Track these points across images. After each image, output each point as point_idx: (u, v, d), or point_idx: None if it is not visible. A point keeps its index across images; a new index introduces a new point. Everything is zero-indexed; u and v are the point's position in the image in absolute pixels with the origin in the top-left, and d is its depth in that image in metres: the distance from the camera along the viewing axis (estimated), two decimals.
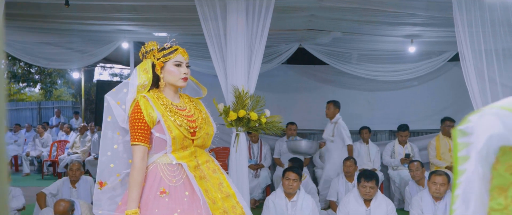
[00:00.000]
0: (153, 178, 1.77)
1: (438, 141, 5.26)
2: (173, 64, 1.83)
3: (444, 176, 3.38)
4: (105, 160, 1.85)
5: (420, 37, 4.75)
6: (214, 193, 1.81)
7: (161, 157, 1.79)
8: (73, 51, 6.06)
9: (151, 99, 1.80)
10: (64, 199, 3.23)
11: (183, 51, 1.88)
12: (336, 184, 4.44)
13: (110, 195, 1.90)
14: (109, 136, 1.84)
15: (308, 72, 6.48)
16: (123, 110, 1.82)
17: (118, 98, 1.82)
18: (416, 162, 4.42)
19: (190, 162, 1.80)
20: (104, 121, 1.84)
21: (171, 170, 1.78)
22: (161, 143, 1.77)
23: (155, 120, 1.76)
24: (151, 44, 1.92)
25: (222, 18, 3.03)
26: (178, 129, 1.77)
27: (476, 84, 2.82)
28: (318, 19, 4.31)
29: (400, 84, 6.15)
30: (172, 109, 1.83)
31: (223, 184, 1.89)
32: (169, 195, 1.74)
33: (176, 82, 1.85)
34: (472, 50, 2.87)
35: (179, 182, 1.77)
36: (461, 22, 2.84)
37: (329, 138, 4.74)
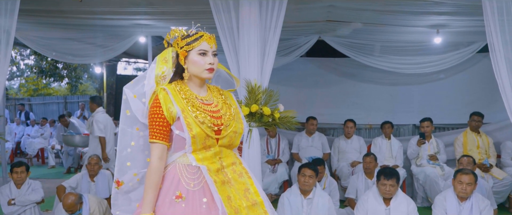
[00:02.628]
0: (171, 180, 1.61)
1: (466, 136, 5.00)
2: (197, 53, 1.63)
3: (471, 175, 3.18)
4: (123, 158, 1.71)
5: (447, 27, 4.50)
6: (238, 201, 1.62)
7: (181, 157, 1.62)
8: (95, 46, 6.15)
9: (172, 92, 1.62)
10: (72, 193, 3.26)
11: (209, 38, 1.66)
12: (355, 181, 4.29)
13: (127, 195, 1.76)
14: (127, 132, 1.69)
15: (328, 66, 6.32)
16: (142, 103, 1.66)
17: (135, 91, 1.66)
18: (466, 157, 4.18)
19: (212, 164, 1.62)
20: (122, 115, 1.69)
21: (191, 172, 1.60)
22: (181, 142, 1.61)
23: (174, 115, 1.59)
24: (175, 31, 1.72)
25: (234, 9, 2.94)
26: (199, 127, 1.58)
27: (507, 77, 2.62)
28: (338, 10, 4.15)
29: (425, 78, 5.90)
30: (195, 103, 1.64)
31: (250, 190, 1.69)
32: (186, 200, 1.57)
33: (200, 74, 1.65)
34: (503, 40, 2.66)
35: (197, 186, 1.59)
36: (490, 10, 2.64)
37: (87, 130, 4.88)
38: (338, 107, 6.12)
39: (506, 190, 4.56)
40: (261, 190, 1.72)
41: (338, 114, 5.94)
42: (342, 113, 5.85)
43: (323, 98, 6.20)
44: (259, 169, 2.90)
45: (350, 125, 5.26)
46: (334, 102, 6.15)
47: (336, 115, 6.01)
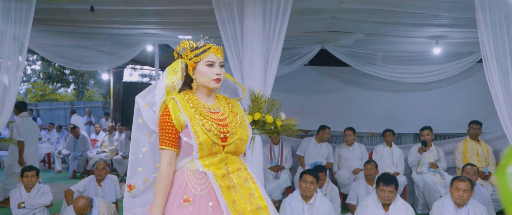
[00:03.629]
0: (179, 184, 1.69)
1: (465, 144, 5.08)
2: (205, 64, 1.71)
3: (467, 182, 3.27)
4: (134, 163, 1.79)
5: (446, 38, 4.62)
6: (243, 205, 1.68)
7: (189, 163, 1.70)
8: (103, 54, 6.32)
9: (180, 101, 1.71)
10: (83, 196, 3.37)
11: (216, 50, 1.74)
12: (357, 187, 4.38)
13: (138, 199, 1.84)
14: (139, 138, 1.79)
15: (331, 74, 6.44)
16: (153, 111, 1.75)
17: (147, 101, 1.76)
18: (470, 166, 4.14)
19: (218, 170, 1.69)
20: (134, 122, 1.79)
21: (198, 177, 1.68)
22: (189, 148, 1.69)
23: (183, 123, 1.68)
24: (184, 43, 1.81)
25: (239, 21, 3.08)
26: (206, 134, 1.66)
27: (500, 88, 2.72)
28: (339, 21, 4.29)
29: (426, 86, 6.00)
30: (203, 112, 1.72)
31: (254, 194, 1.74)
32: (193, 204, 1.64)
33: (208, 84, 1.73)
34: (496, 52, 2.77)
35: (204, 191, 1.66)
36: (484, 23, 2.75)
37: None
38: (341, 115, 6.22)
39: None
40: (266, 195, 1.78)
41: (341, 122, 6.04)
42: (345, 121, 5.95)
43: (325, 106, 6.31)
44: (262, 175, 3.01)
45: (349, 133, 5.35)
46: (337, 110, 6.25)
47: (338, 122, 6.10)
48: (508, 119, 2.72)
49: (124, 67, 9.86)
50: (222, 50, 1.78)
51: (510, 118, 2.72)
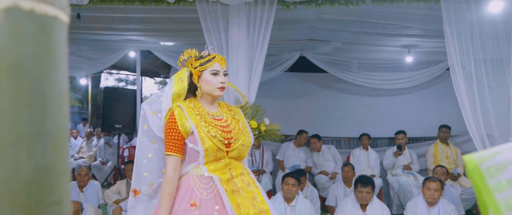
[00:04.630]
0: (185, 189, 1.73)
1: (436, 147, 5.38)
2: (210, 73, 1.78)
3: (438, 182, 3.50)
4: (140, 169, 1.83)
5: (417, 47, 4.90)
6: (247, 208, 1.73)
7: (194, 168, 1.74)
8: (83, 59, 6.29)
9: (186, 109, 1.76)
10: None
11: (221, 60, 1.82)
12: (335, 190, 4.56)
13: (143, 204, 1.88)
14: (145, 145, 1.83)
15: (310, 80, 6.64)
16: (159, 118, 1.80)
17: (153, 108, 1.81)
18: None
19: (223, 175, 1.74)
20: (140, 129, 1.84)
21: (203, 182, 1.72)
22: (195, 154, 1.73)
23: (189, 130, 1.72)
24: (188, 52, 1.87)
25: (224, 30, 3.20)
26: (211, 140, 1.71)
27: (465, 95, 2.96)
28: (318, 30, 4.48)
29: (400, 92, 6.28)
30: (207, 119, 1.77)
31: (257, 198, 1.79)
32: (200, 208, 1.69)
33: (212, 92, 1.80)
34: (462, 61, 3.02)
35: (210, 195, 1.71)
36: (451, 34, 2.99)
37: None
38: (319, 120, 6.42)
39: (473, 197, 4.92)
40: (267, 199, 1.85)
41: (319, 127, 6.24)
42: (323, 126, 6.16)
43: (304, 111, 6.49)
44: None
45: (313, 140, 5.52)
46: (315, 115, 6.45)
47: (317, 127, 6.29)
48: (473, 123, 2.96)
49: (102, 72, 9.78)
50: (225, 60, 1.86)
51: (475, 122, 2.96)
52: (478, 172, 0.46)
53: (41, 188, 0.36)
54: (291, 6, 3.24)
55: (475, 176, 0.46)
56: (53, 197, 0.36)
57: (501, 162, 0.46)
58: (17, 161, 0.35)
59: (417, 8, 3.28)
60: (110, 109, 6.03)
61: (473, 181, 0.47)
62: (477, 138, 2.98)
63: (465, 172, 0.50)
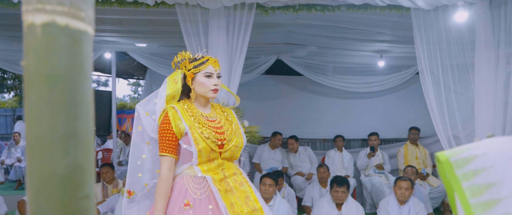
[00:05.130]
0: (179, 189, 1.75)
1: (406, 148, 5.61)
2: (204, 75, 1.81)
3: (408, 181, 3.67)
4: (134, 169, 1.84)
5: (389, 52, 5.10)
6: (240, 207, 1.75)
7: (188, 169, 1.76)
8: None
9: (180, 110, 1.78)
10: None
11: (214, 62, 1.85)
12: (311, 190, 4.68)
13: (138, 204, 1.89)
14: (139, 146, 1.84)
15: (286, 82, 6.75)
16: (153, 120, 1.82)
17: (147, 109, 1.82)
18: None
19: (216, 175, 1.76)
20: (134, 130, 1.85)
21: (197, 183, 1.75)
22: (188, 155, 1.75)
23: (183, 131, 1.74)
24: (182, 54, 1.89)
25: (204, 34, 3.24)
26: (205, 142, 1.74)
27: (433, 98, 3.13)
28: (295, 35, 4.59)
29: (372, 94, 6.49)
30: (201, 120, 1.79)
31: (250, 197, 1.82)
32: (193, 208, 1.71)
33: (206, 94, 1.82)
34: (430, 66, 3.19)
35: (203, 195, 1.74)
36: (420, 41, 3.15)
37: None
38: (295, 122, 6.54)
39: (441, 196, 5.17)
40: (260, 198, 1.87)
41: (295, 128, 6.35)
42: (298, 127, 6.28)
43: (281, 113, 6.59)
44: None
45: (291, 141, 5.66)
46: (291, 117, 6.56)
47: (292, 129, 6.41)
48: (441, 125, 3.13)
49: None
50: (218, 62, 1.90)
51: (442, 124, 3.14)
52: (448, 163, 0.54)
53: (73, 183, 0.40)
54: (270, 11, 3.33)
55: (445, 167, 0.54)
56: (83, 192, 0.41)
57: (468, 156, 0.53)
58: (53, 160, 0.39)
59: (389, 16, 3.44)
60: None
61: (443, 171, 0.54)
62: (444, 138, 3.15)
63: (437, 166, 0.59)
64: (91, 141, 0.43)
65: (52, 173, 0.39)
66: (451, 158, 0.54)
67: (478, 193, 0.51)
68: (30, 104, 0.39)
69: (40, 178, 0.39)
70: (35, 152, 0.39)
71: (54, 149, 0.39)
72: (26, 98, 0.40)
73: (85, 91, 0.41)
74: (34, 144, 0.39)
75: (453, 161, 0.54)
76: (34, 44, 0.39)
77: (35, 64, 0.39)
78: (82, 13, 0.41)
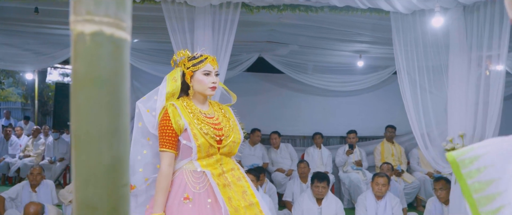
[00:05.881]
0: (179, 184, 1.79)
1: (383, 146, 5.81)
2: (202, 73, 1.86)
3: (385, 177, 3.83)
4: (135, 164, 1.88)
5: (368, 53, 5.26)
6: (238, 201, 1.79)
7: (187, 164, 1.81)
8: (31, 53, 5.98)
9: (179, 107, 1.83)
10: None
11: (212, 60, 1.90)
12: (292, 186, 4.79)
13: (138, 198, 1.93)
14: (140, 141, 1.88)
15: (268, 80, 6.83)
16: (153, 116, 1.86)
17: (148, 106, 1.87)
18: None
19: (214, 170, 1.81)
20: (135, 126, 1.89)
21: (196, 177, 1.79)
22: (188, 150, 1.80)
23: (182, 127, 1.79)
24: (181, 53, 1.94)
25: (189, 31, 3.27)
26: (204, 137, 1.79)
27: (410, 97, 3.28)
28: (277, 33, 4.67)
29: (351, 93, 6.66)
30: (200, 117, 1.84)
31: (247, 192, 1.86)
32: (193, 201, 1.76)
33: (204, 91, 1.88)
34: (407, 66, 3.34)
35: (202, 189, 1.78)
36: (398, 42, 3.30)
37: None
38: (276, 118, 6.64)
39: (414, 191, 5.40)
40: (257, 192, 1.92)
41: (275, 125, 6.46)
42: (279, 124, 6.38)
43: (263, 110, 6.67)
44: None
45: (274, 136, 5.78)
46: (272, 114, 6.66)
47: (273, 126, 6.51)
48: (416, 123, 3.29)
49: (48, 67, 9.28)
50: (216, 61, 1.95)
51: (417, 122, 3.30)
52: (456, 163, 0.60)
53: (116, 173, 0.46)
54: (255, 10, 3.39)
55: (453, 166, 0.60)
56: (123, 180, 0.47)
57: (472, 156, 0.59)
58: (100, 152, 0.45)
59: (369, 18, 3.57)
60: (62, 106, 5.81)
61: (453, 170, 0.61)
62: (419, 136, 3.31)
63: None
64: (128, 136, 0.49)
65: (99, 164, 0.44)
66: (458, 158, 0.60)
67: (481, 189, 0.57)
68: (79, 104, 0.45)
69: (88, 168, 0.44)
70: (83, 145, 0.44)
71: (101, 143, 0.44)
72: (74, 98, 0.45)
73: (125, 92, 0.47)
74: (83, 138, 0.44)
75: (459, 161, 0.59)
76: (83, 51, 0.44)
77: (84, 68, 0.45)
78: (124, 23, 0.47)
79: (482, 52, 3.11)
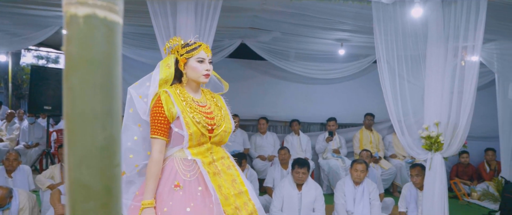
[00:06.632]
0: (169, 171, 1.79)
1: (362, 133, 5.95)
2: (196, 60, 1.85)
3: (363, 164, 3.93)
4: (125, 150, 1.87)
5: (349, 41, 5.32)
6: (227, 190, 1.80)
7: (178, 152, 1.81)
8: (4, 34, 5.77)
9: (173, 94, 1.81)
10: (1, 186, 3.21)
11: (206, 48, 1.89)
12: (273, 172, 4.86)
13: (127, 185, 1.92)
14: (130, 127, 1.87)
15: (250, 66, 6.83)
16: (144, 103, 1.84)
17: (140, 92, 1.84)
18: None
19: (205, 158, 1.81)
20: (126, 112, 1.88)
21: (187, 165, 1.79)
22: (179, 138, 1.79)
23: (174, 115, 1.78)
24: (175, 39, 1.92)
25: (172, 15, 3.23)
26: (196, 126, 1.78)
27: (389, 85, 3.37)
28: (260, 20, 4.66)
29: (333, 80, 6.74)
30: (192, 105, 1.83)
31: (236, 180, 1.87)
32: (183, 189, 1.75)
33: (198, 79, 1.86)
34: (387, 56, 3.41)
35: (193, 177, 1.78)
36: (379, 31, 3.36)
37: None
38: (258, 105, 6.68)
39: (391, 177, 5.57)
40: (246, 181, 1.95)
41: (258, 111, 6.50)
42: (262, 111, 6.43)
43: (244, 96, 6.68)
44: None
45: (262, 121, 5.85)
46: (254, 100, 6.69)
47: (256, 112, 6.55)
48: (394, 111, 3.38)
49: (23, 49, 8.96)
50: (210, 48, 1.93)
51: (395, 110, 3.39)
52: None
53: (109, 153, 0.47)
54: None
55: None
56: (116, 160, 0.48)
57: None
58: (94, 133, 0.46)
59: (351, 7, 3.61)
60: (38, 89, 5.64)
61: None
62: (396, 124, 3.41)
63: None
64: (120, 117, 0.50)
65: (93, 144, 0.46)
66: None
67: None
68: (72, 85, 0.45)
69: (82, 148, 0.45)
70: (77, 126, 0.45)
71: (95, 124, 0.45)
72: (67, 80, 0.45)
73: (117, 75, 0.48)
74: (77, 119, 0.45)
75: None
76: (77, 33, 0.45)
77: (77, 50, 0.45)
78: (117, 6, 0.47)
79: (458, 43, 3.21)
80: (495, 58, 4.80)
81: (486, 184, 5.51)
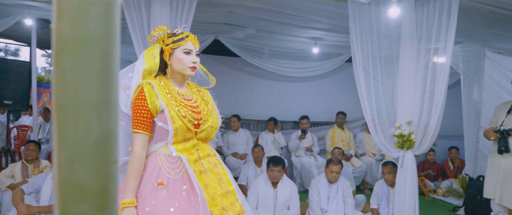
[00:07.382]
0: (152, 168, 1.68)
1: (334, 131, 6.03)
2: (182, 51, 1.74)
3: (339, 165, 3.96)
4: None
5: (323, 40, 5.37)
6: (214, 189, 1.71)
7: (162, 147, 1.70)
8: None
9: (157, 86, 1.70)
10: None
11: (194, 39, 1.78)
12: (246, 170, 4.82)
13: None
14: None
15: (224, 63, 6.75)
16: (126, 95, 1.73)
17: (122, 83, 1.73)
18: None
19: (190, 155, 1.71)
20: None
21: (171, 162, 1.69)
22: (163, 133, 1.69)
23: (158, 108, 1.68)
24: (160, 28, 1.80)
25: (146, 7, 3.11)
26: (181, 120, 1.68)
27: (363, 84, 3.41)
28: (235, 16, 4.59)
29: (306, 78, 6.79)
30: (178, 98, 1.73)
31: (223, 179, 1.78)
32: (167, 187, 1.65)
33: (183, 71, 1.75)
34: (362, 55, 3.45)
35: (178, 175, 1.68)
36: (354, 31, 3.39)
37: None
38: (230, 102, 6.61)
39: (362, 175, 5.69)
40: (233, 180, 1.84)
41: (230, 109, 6.44)
42: (234, 108, 6.37)
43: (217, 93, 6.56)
44: None
45: (234, 119, 5.80)
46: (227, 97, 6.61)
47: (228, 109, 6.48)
48: (368, 110, 3.43)
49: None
50: (197, 40, 1.82)
51: (369, 109, 3.44)
52: None
53: (106, 148, 0.41)
54: None
55: None
56: (113, 157, 0.42)
57: None
58: (89, 125, 0.39)
59: (327, 5, 3.62)
60: None
61: None
62: (370, 122, 3.46)
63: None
64: (117, 108, 0.43)
65: (87, 138, 0.39)
66: None
67: None
68: (64, 69, 0.39)
69: (74, 143, 0.39)
70: (69, 117, 0.39)
71: (90, 114, 0.39)
72: (57, 62, 0.39)
73: (116, 59, 0.42)
74: (68, 109, 0.39)
75: None
76: (70, 9, 0.39)
77: (70, 29, 0.39)
78: None
79: (430, 44, 3.29)
80: (460, 60, 5.00)
81: (450, 181, 5.74)
